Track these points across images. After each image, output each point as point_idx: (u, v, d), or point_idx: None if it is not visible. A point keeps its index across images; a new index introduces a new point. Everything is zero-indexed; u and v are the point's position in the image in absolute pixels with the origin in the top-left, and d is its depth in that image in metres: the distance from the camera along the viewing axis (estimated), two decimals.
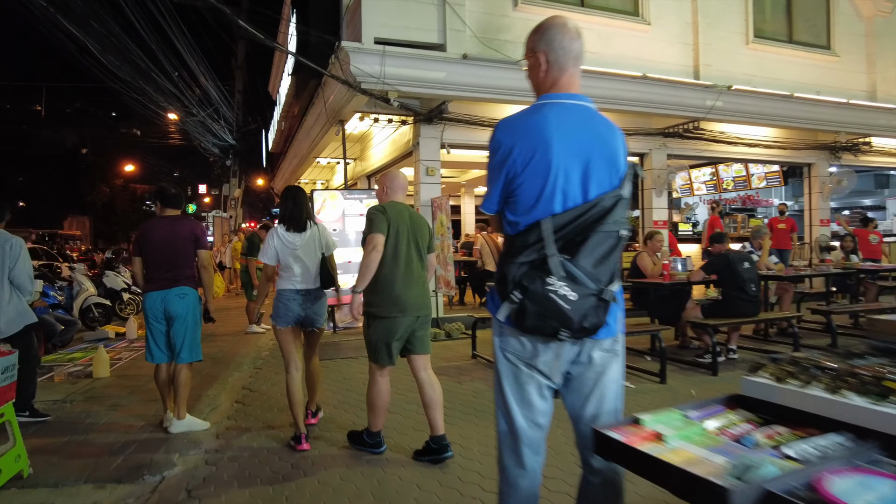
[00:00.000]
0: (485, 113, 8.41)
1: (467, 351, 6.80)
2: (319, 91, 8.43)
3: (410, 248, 3.47)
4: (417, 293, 3.48)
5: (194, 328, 4.29)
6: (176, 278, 4.22)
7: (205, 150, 18.73)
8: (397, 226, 3.40)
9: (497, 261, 7.28)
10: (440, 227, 7.97)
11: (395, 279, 3.39)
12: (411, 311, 3.44)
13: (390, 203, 3.52)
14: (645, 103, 8.31)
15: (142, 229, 4.30)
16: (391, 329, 3.43)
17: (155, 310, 4.17)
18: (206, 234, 4.55)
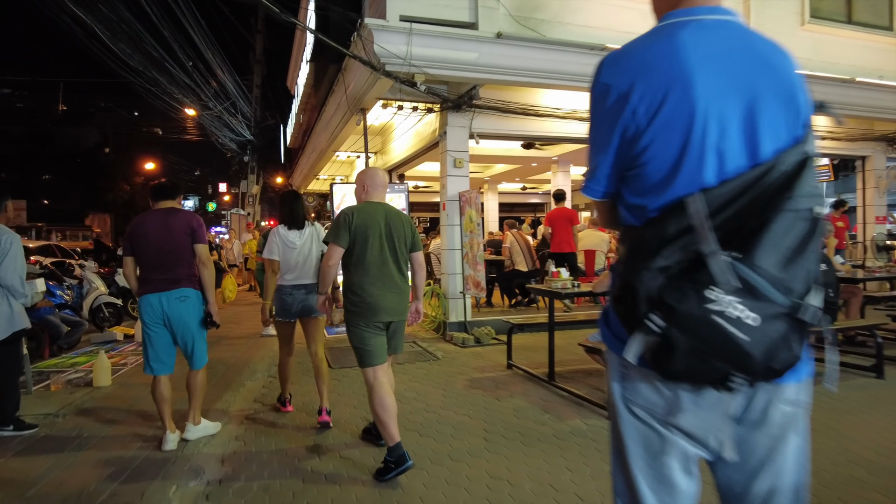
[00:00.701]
0: (518, 99, 7.77)
1: (501, 359, 6.17)
2: (340, 77, 7.86)
3: (384, 251, 3.35)
4: (393, 297, 3.37)
5: (201, 333, 3.92)
6: (175, 279, 3.78)
7: (222, 146, 18.34)
8: (366, 229, 3.30)
9: (528, 260, 6.65)
10: (469, 223, 7.35)
11: (367, 284, 3.31)
12: (386, 315, 3.35)
13: (363, 205, 3.43)
14: None
15: (131, 225, 3.85)
16: (367, 333, 3.35)
17: (153, 314, 3.74)
18: (203, 227, 4.00)
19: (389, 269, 3.36)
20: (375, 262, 3.31)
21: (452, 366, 5.97)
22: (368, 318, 3.31)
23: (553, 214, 8.97)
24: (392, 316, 3.37)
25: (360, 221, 3.29)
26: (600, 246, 8.90)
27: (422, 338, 7.60)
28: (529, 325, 5.62)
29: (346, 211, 3.36)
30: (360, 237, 3.28)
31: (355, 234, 3.28)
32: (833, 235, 7.95)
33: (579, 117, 8.16)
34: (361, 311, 3.31)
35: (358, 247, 3.29)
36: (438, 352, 6.66)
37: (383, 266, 3.34)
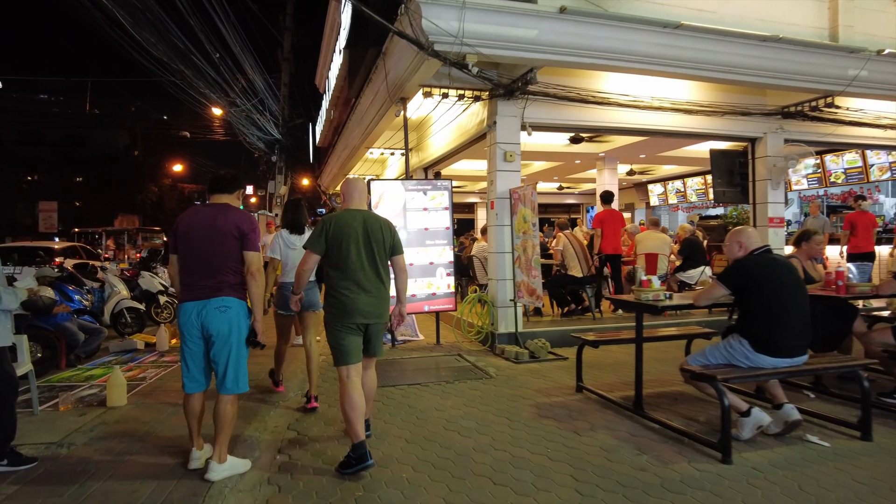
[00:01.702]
0: (579, 83, 6.99)
1: (566, 379, 5.39)
2: (379, 63, 7.17)
3: (361, 256, 3.49)
4: (369, 300, 3.49)
5: (239, 351, 3.34)
6: (217, 286, 3.30)
7: (250, 145, 17.85)
8: (342, 236, 3.47)
9: (584, 264, 5.84)
10: (522, 223, 6.58)
11: (343, 287, 3.47)
12: (362, 318, 3.48)
13: (343, 212, 3.60)
14: (770, 73, 6.71)
15: (179, 219, 3.43)
16: (343, 334, 3.49)
17: (190, 325, 3.29)
18: (256, 231, 3.41)
19: (367, 274, 3.49)
20: (352, 267, 3.46)
21: (510, 386, 5.20)
22: (344, 320, 3.46)
23: (603, 216, 8.43)
24: (367, 319, 3.49)
25: (336, 229, 3.48)
26: (662, 249, 8.06)
27: (467, 350, 6.85)
28: (608, 341, 4.82)
29: (324, 219, 3.59)
30: (336, 244, 3.47)
31: (332, 241, 3.48)
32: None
33: (646, 106, 7.35)
34: (338, 312, 3.47)
35: (336, 252, 3.48)
36: (490, 368, 5.90)
37: (361, 270, 3.47)
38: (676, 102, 7.55)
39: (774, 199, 8.32)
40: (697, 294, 3.85)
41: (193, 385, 3.36)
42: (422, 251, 7.06)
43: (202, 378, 3.38)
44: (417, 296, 7.03)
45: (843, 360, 3.92)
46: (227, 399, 3.31)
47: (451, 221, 7.25)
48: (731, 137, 8.33)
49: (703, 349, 3.82)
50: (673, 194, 16.61)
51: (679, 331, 5.29)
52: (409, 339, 7.45)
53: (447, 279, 7.18)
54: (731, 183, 8.55)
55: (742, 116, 7.94)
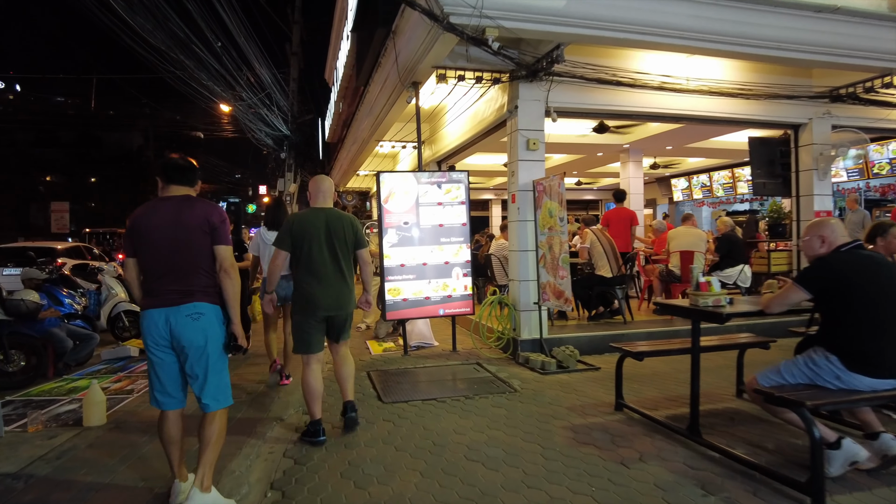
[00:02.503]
0: (612, 61, 6.34)
1: (600, 394, 4.76)
2: (389, 43, 6.57)
3: (323, 253, 3.78)
4: (331, 293, 3.79)
5: (219, 362, 2.90)
6: (187, 290, 2.84)
7: (258, 142, 17.35)
8: (307, 234, 3.75)
9: (614, 264, 5.17)
10: (548, 218, 5.95)
11: (307, 283, 3.78)
12: (324, 310, 3.78)
13: (307, 211, 3.89)
14: (825, 49, 6.01)
15: (134, 217, 2.89)
16: (306, 324, 3.80)
17: (156, 334, 2.82)
18: (226, 223, 2.96)
19: (328, 269, 3.79)
20: (316, 263, 3.76)
21: (539, 403, 4.58)
22: (308, 312, 3.79)
23: (610, 214, 8.30)
24: (329, 311, 3.80)
25: (300, 228, 3.76)
26: (698, 245, 7.38)
27: (486, 358, 6.23)
28: (656, 351, 4.15)
29: (289, 219, 3.88)
30: (301, 241, 3.75)
31: (297, 238, 3.75)
32: None
33: (683, 88, 6.69)
34: (302, 305, 3.80)
35: (300, 250, 3.77)
36: (514, 380, 5.28)
37: (324, 266, 3.78)
38: (719, 81, 6.87)
39: (821, 191, 7.61)
40: (769, 299, 3.20)
41: (168, 401, 2.89)
42: (436, 250, 6.45)
43: (178, 392, 2.92)
44: (432, 298, 6.43)
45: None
46: (211, 416, 2.86)
47: (468, 217, 6.64)
48: (773, 124, 7.63)
49: (777, 366, 3.17)
50: (698, 189, 15.85)
51: (726, 339, 4.60)
52: (423, 345, 6.85)
53: (464, 280, 6.57)
54: (772, 174, 7.85)
55: (786, 100, 7.24)
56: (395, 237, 6.34)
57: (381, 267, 6.35)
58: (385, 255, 6.29)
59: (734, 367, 4.75)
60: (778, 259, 8.37)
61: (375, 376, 5.58)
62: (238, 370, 5.92)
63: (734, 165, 14.52)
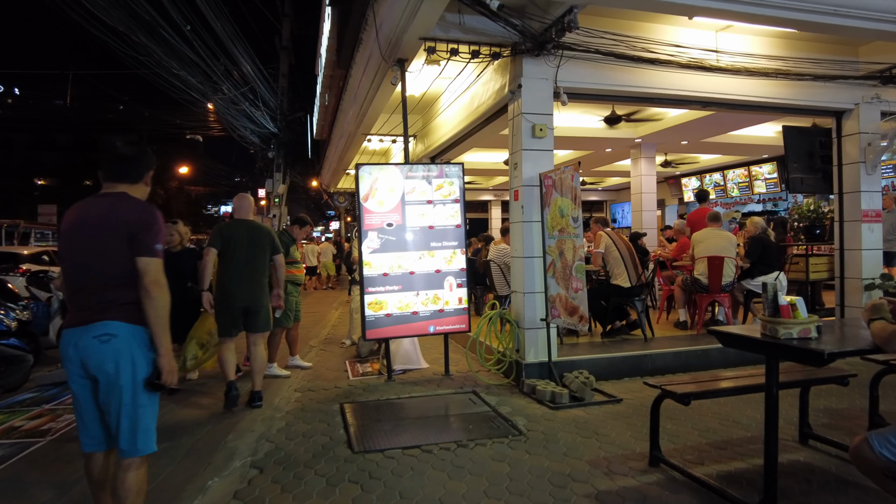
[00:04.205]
0: (632, 33, 5.36)
1: (629, 439, 3.76)
2: (370, 12, 5.58)
3: (243, 256, 4.67)
4: (245, 288, 4.68)
5: (138, 397, 2.32)
6: (99, 307, 2.31)
7: (241, 139, 16.33)
8: (231, 240, 4.67)
9: (632, 271, 4.13)
10: (558, 217, 4.97)
11: (226, 278, 4.68)
12: (239, 301, 4.66)
13: (234, 221, 4.87)
14: (881, 13, 5.00)
15: (64, 216, 2.48)
16: (224, 314, 4.68)
17: (68, 361, 2.34)
18: (153, 228, 2.36)
19: (245, 270, 4.68)
20: (237, 263, 4.66)
21: (551, 454, 3.58)
22: (226, 304, 4.67)
23: (694, 216, 7.65)
24: (245, 302, 4.67)
25: (228, 233, 4.70)
26: (728, 250, 6.38)
27: (485, 385, 5.25)
28: (707, 392, 3.14)
29: (220, 225, 4.88)
30: (227, 245, 4.67)
31: (225, 242, 4.67)
32: None
33: (714, 66, 5.74)
34: (225, 298, 4.67)
35: (225, 252, 4.67)
36: (518, 417, 4.29)
37: (243, 266, 4.68)
38: (753, 57, 5.91)
39: (869, 188, 6.62)
40: (892, 331, 2.21)
41: (88, 441, 2.41)
42: (426, 256, 5.47)
43: (98, 432, 2.40)
44: (420, 313, 5.44)
45: None
46: (127, 464, 2.33)
47: (464, 218, 5.66)
48: (813, 110, 6.64)
49: None
50: (711, 188, 14.86)
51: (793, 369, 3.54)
52: (410, 368, 5.85)
53: (459, 291, 5.58)
54: (811, 168, 6.86)
55: (830, 82, 6.26)
56: (377, 241, 5.35)
57: (361, 276, 5.37)
58: (365, 263, 5.30)
59: (790, 395, 3.77)
60: (817, 265, 7.39)
61: (350, 411, 4.59)
62: (187, 399, 4.93)
63: (751, 163, 13.55)
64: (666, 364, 5.55)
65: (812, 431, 3.66)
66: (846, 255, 6.76)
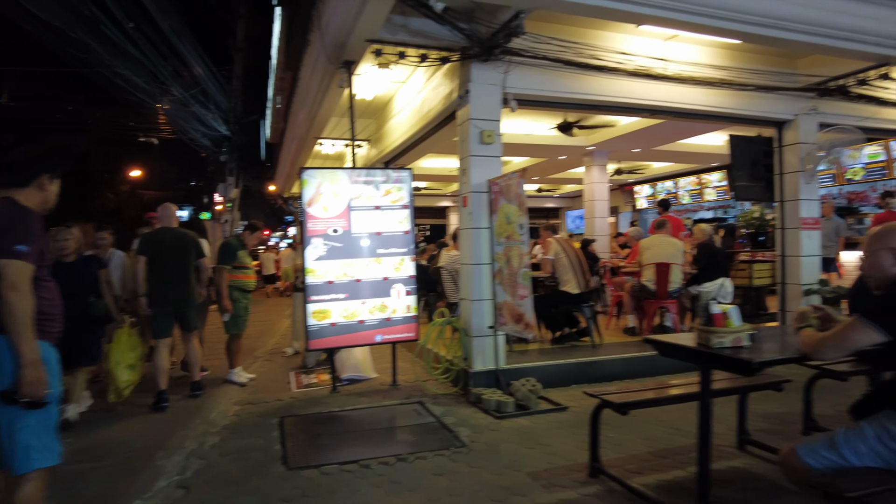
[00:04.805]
0: (581, 40, 5.37)
1: (572, 449, 3.71)
2: (315, 12, 5.44)
3: (170, 261, 5.10)
4: (173, 290, 5.08)
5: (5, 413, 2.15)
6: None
7: (192, 141, 15.80)
8: (158, 246, 5.10)
9: (581, 278, 4.12)
10: (505, 224, 4.92)
11: (158, 283, 5.05)
12: (169, 304, 5.08)
13: (159, 229, 5.31)
14: (818, 28, 5.14)
15: None
16: (160, 317, 5.08)
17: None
18: (13, 229, 2.17)
19: (173, 274, 5.10)
20: (165, 268, 5.08)
21: (493, 466, 3.50)
22: (159, 306, 5.06)
23: None
24: (176, 304, 5.11)
25: (154, 241, 5.16)
26: (675, 257, 6.46)
27: (433, 395, 5.14)
28: (643, 402, 3.12)
29: (146, 233, 5.38)
30: (155, 252, 5.08)
31: (154, 249, 5.09)
32: None
33: (661, 74, 5.80)
34: (157, 300, 5.05)
35: (154, 259, 5.06)
36: (463, 428, 4.20)
37: (171, 270, 5.10)
38: (699, 65, 6.01)
39: (808, 196, 6.81)
40: (819, 339, 2.21)
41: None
42: (373, 263, 5.34)
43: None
44: (367, 322, 5.30)
45: None
46: (19, 481, 2.17)
47: (413, 224, 5.56)
48: (756, 120, 6.80)
49: (832, 436, 2.16)
50: (663, 196, 15.17)
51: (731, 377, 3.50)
52: (358, 378, 5.70)
53: (407, 299, 5.47)
54: (755, 176, 7.01)
55: (771, 93, 6.43)
56: (322, 248, 5.19)
57: (303, 284, 5.20)
58: (308, 271, 5.13)
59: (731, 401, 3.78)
60: (761, 271, 7.57)
61: (290, 425, 4.41)
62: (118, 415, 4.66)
63: (701, 171, 13.90)
64: (614, 370, 5.55)
65: (750, 437, 3.68)
66: (787, 262, 6.94)
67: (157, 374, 4.94)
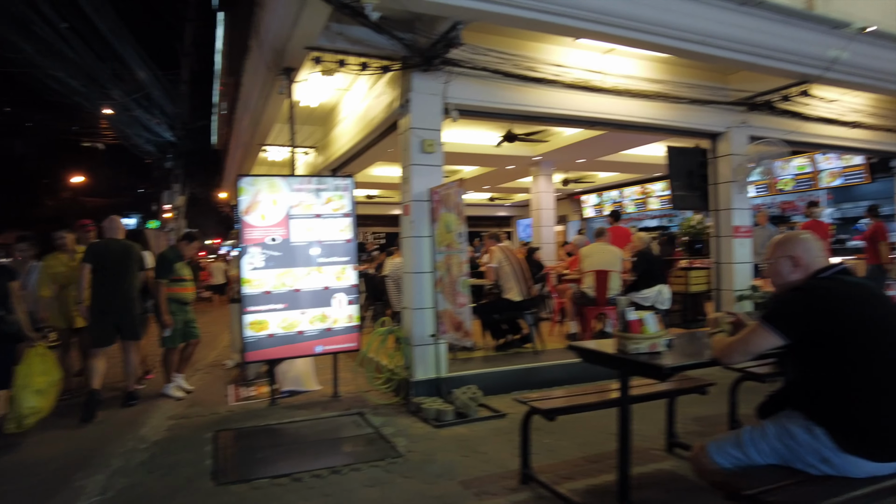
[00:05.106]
0: (521, 52, 5.47)
1: (507, 457, 3.74)
2: (256, 19, 5.37)
3: (112, 272, 5.20)
4: (115, 301, 5.19)
5: None
6: None
7: (135, 147, 15.28)
8: (102, 257, 5.19)
9: (523, 285, 4.22)
10: (445, 233, 4.95)
11: (101, 293, 5.16)
12: (110, 314, 5.17)
13: (106, 240, 5.37)
14: (749, 47, 5.42)
15: None
16: (100, 326, 5.14)
17: None
18: None
19: (114, 283, 5.19)
20: (108, 279, 5.18)
21: (426, 476, 3.49)
22: (102, 316, 5.14)
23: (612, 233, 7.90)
24: (117, 314, 5.21)
25: (98, 252, 5.22)
26: (614, 264, 6.63)
27: (374, 405, 5.10)
28: (569, 408, 3.19)
29: (92, 243, 5.40)
30: (100, 262, 5.16)
31: (98, 259, 5.17)
32: None
33: (598, 87, 5.95)
34: (99, 311, 5.14)
35: (97, 269, 5.14)
36: (400, 438, 4.18)
37: (112, 281, 5.19)
38: (636, 78, 6.21)
39: (740, 205, 7.12)
40: (726, 344, 2.31)
41: None
42: (314, 272, 5.27)
43: None
44: (307, 333, 5.22)
45: None
46: None
47: (356, 232, 5.52)
48: (691, 132, 7.07)
49: (738, 435, 2.25)
50: (609, 205, 15.57)
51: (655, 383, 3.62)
52: (300, 390, 5.60)
53: (349, 309, 5.42)
54: (691, 186, 7.29)
55: (705, 107, 6.70)
56: (260, 258, 5.10)
57: (240, 295, 5.09)
58: (245, 281, 5.02)
59: (660, 405, 3.89)
60: (697, 278, 7.84)
61: (224, 439, 4.30)
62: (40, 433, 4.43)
63: (645, 181, 14.33)
64: (555, 376, 5.63)
65: (678, 440, 3.80)
66: (721, 269, 7.22)
67: (90, 376, 5.03)
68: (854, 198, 12.59)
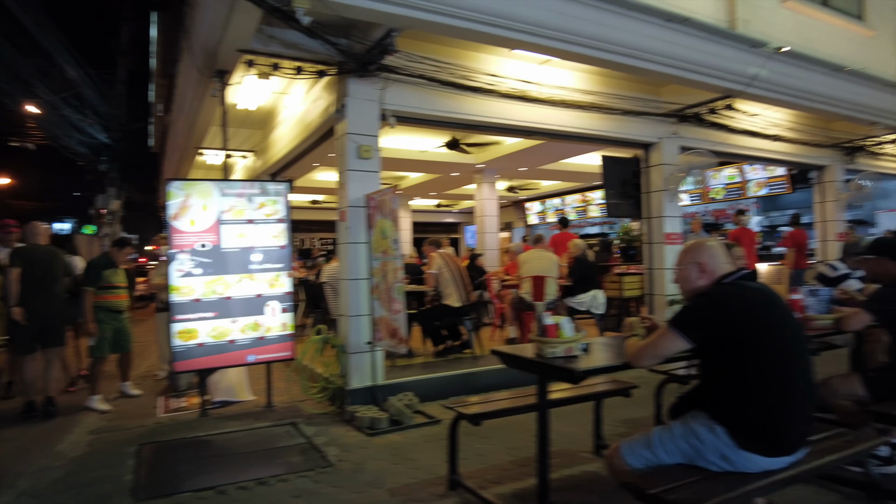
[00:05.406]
0: (458, 61, 5.52)
1: (438, 463, 3.74)
2: (188, 20, 5.22)
3: (39, 275, 5.15)
4: (41, 307, 5.11)
5: None
6: None
7: (65, 149, 14.54)
8: (29, 261, 5.12)
9: (462, 291, 4.27)
10: (380, 239, 4.93)
11: (29, 296, 5.06)
12: (35, 321, 5.08)
13: (30, 245, 5.28)
14: (675, 61, 5.66)
15: None
16: (24, 332, 5.05)
17: None
18: None
19: (40, 290, 5.13)
20: (36, 282, 5.12)
21: (355, 485, 3.46)
22: (30, 322, 5.03)
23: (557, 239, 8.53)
24: (41, 320, 5.12)
25: (24, 255, 5.14)
26: (550, 270, 6.77)
27: (308, 415, 5.02)
28: (494, 413, 3.23)
29: (18, 248, 5.26)
30: (27, 266, 5.09)
31: (26, 264, 5.09)
32: None
33: (535, 97, 6.07)
34: (29, 315, 5.02)
35: (26, 273, 5.06)
36: (332, 447, 4.12)
37: (40, 284, 5.14)
38: (571, 90, 6.37)
39: (671, 213, 7.39)
40: (637, 348, 2.39)
41: None
42: (245, 279, 5.14)
43: None
44: (238, 341, 5.09)
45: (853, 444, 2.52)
46: None
47: (290, 238, 5.43)
48: (625, 142, 7.30)
49: (649, 436, 2.33)
50: (552, 212, 15.90)
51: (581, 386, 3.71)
52: (232, 400, 5.45)
53: (283, 316, 5.32)
54: (624, 194, 7.52)
55: (637, 118, 6.94)
56: (189, 264, 4.94)
57: (167, 303, 4.92)
58: (173, 288, 4.86)
59: (591, 409, 4.00)
60: (631, 284, 8.09)
61: (148, 452, 4.14)
62: None
63: (585, 189, 14.70)
64: (492, 381, 5.67)
65: (604, 442, 3.90)
66: (653, 274, 7.47)
67: (25, 389, 5.14)
68: (780, 206, 13.34)
